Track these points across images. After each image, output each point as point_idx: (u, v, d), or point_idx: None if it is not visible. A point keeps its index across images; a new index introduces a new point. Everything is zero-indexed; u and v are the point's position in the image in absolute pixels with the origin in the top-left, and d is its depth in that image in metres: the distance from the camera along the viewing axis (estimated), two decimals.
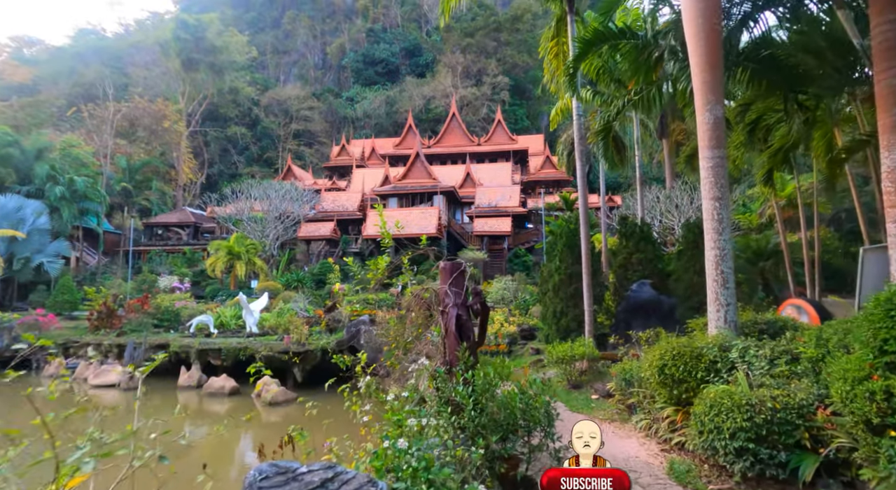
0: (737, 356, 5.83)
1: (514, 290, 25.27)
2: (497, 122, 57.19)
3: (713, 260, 6.99)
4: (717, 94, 7.06)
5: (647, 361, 6.66)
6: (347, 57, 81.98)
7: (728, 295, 6.87)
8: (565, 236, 14.77)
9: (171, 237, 47.03)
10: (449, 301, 4.89)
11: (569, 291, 14.23)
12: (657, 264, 15.12)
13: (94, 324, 24.11)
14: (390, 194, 42.67)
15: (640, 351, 9.50)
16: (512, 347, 16.91)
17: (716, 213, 7.00)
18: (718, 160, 7.04)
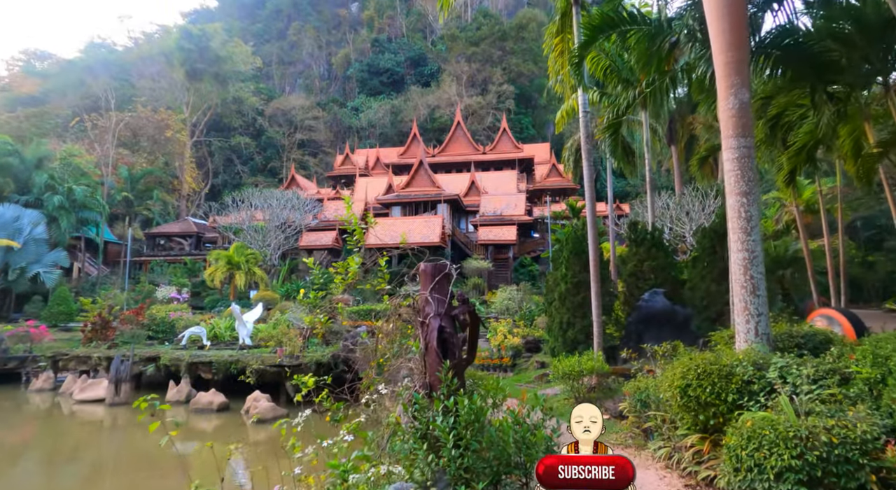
0: (776, 376, 4.94)
1: (518, 301, 24.35)
2: (502, 130, 56.59)
3: (741, 264, 6.11)
4: (742, 75, 6.23)
5: (667, 380, 5.77)
6: (352, 67, 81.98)
7: (759, 304, 5.98)
8: (572, 242, 13.90)
9: (173, 247, 46.60)
10: (430, 310, 4.06)
11: (576, 301, 13.33)
12: (670, 272, 14.20)
13: (87, 336, 23.42)
14: (393, 203, 41.98)
15: (656, 366, 8.59)
16: (516, 361, 15.99)
17: (743, 211, 6.14)
18: (745, 150, 6.18)
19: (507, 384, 13.90)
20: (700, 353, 5.84)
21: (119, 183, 42.50)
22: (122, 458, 12.47)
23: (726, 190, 6.33)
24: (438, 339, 3.93)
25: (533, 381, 13.71)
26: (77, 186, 34.57)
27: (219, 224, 41.21)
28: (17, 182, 34.10)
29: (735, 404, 5.04)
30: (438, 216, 38.21)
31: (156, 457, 11.44)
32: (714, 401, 5.14)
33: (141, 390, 18.83)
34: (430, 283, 4.15)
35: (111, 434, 15.07)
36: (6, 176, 33.35)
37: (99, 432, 15.25)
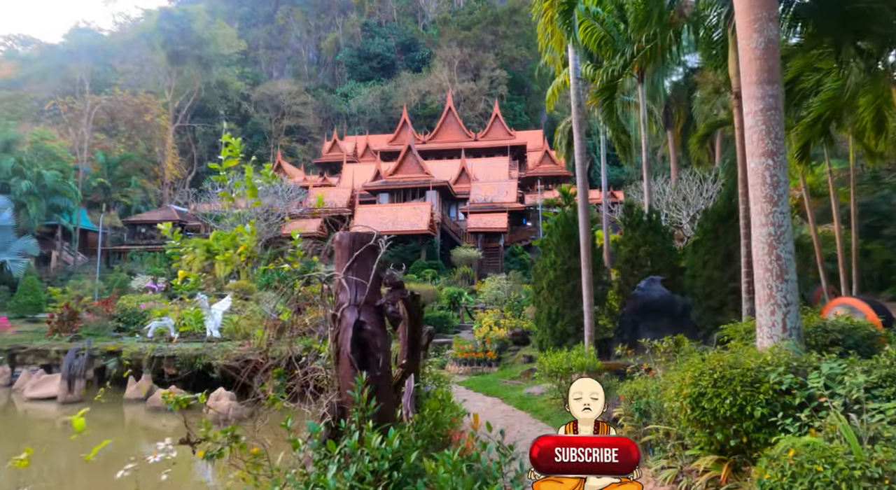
0: (820, 385, 3.76)
1: (508, 290, 23.19)
2: (494, 116, 55.17)
3: (765, 241, 4.92)
4: (768, 7, 5.00)
5: (673, 387, 4.59)
6: (342, 52, 79.99)
7: (788, 290, 4.80)
8: (561, 226, 12.70)
9: (154, 236, 45.12)
10: (345, 298, 2.82)
11: (566, 289, 12.16)
12: (668, 258, 13.05)
13: (52, 327, 22.06)
14: (381, 190, 40.63)
15: (655, 363, 7.43)
16: (502, 354, 14.84)
17: (768, 176, 4.93)
18: (771, 101, 4.97)
19: (492, 380, 12.75)
20: (715, 353, 4.65)
21: (95, 168, 40.80)
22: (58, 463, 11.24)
23: (747, 151, 5.12)
24: (354, 341, 2.71)
25: (519, 377, 12.57)
26: (47, 171, 32.94)
27: (197, 212, 39.70)
28: None
29: (765, 421, 3.87)
30: (427, 203, 36.93)
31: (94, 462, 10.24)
32: (736, 415, 3.97)
33: (100, 387, 17.58)
34: (348, 259, 2.92)
35: (53, 435, 13.79)
36: None
37: (45, 433, 14.00)
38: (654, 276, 12.54)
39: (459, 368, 14.55)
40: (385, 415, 2.69)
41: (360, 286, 2.81)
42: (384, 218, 36.46)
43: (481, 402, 10.10)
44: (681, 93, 32.14)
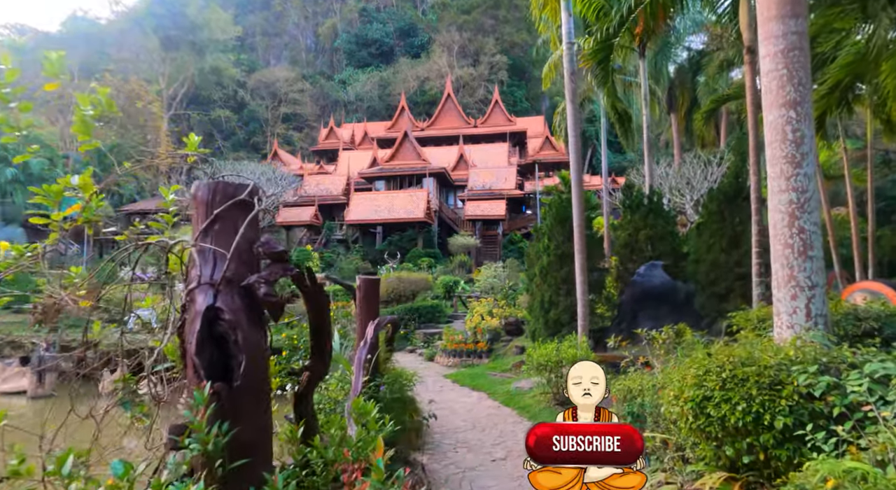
0: (862, 388, 2.91)
1: (504, 278, 22.37)
2: (494, 102, 53.97)
3: (785, 210, 4.05)
4: None
5: (673, 387, 3.75)
6: (340, 38, 78.54)
7: (813, 270, 3.95)
8: (555, 208, 11.82)
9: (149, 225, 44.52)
10: (196, 276, 1.96)
11: (559, 276, 11.32)
12: (670, 242, 12.18)
13: (36, 318, 21.28)
14: (377, 177, 39.69)
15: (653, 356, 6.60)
16: (493, 345, 14.05)
17: (790, 130, 4.05)
18: (794, 39, 4.07)
19: (480, 373, 11.95)
20: (723, 347, 3.80)
21: (85, 156, 39.97)
22: None
23: (764, 103, 4.23)
24: (203, 336, 1.85)
25: (510, 370, 11.77)
26: (34, 159, 32.14)
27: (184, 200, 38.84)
28: None
29: (788, 435, 3.03)
30: (423, 190, 36.02)
31: None
32: (751, 426, 3.13)
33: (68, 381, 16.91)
34: (206, 219, 2.07)
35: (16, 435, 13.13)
36: None
37: None
38: (655, 262, 11.69)
39: (449, 360, 13.78)
40: (252, 447, 1.85)
41: (219, 258, 1.97)
42: (380, 205, 35.61)
43: (466, 398, 9.31)
44: (685, 76, 31.05)
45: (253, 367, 1.87)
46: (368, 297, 5.16)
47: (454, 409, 8.40)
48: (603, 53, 8.65)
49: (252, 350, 1.89)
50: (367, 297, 5.16)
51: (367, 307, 5.15)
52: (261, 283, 1.91)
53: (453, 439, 6.53)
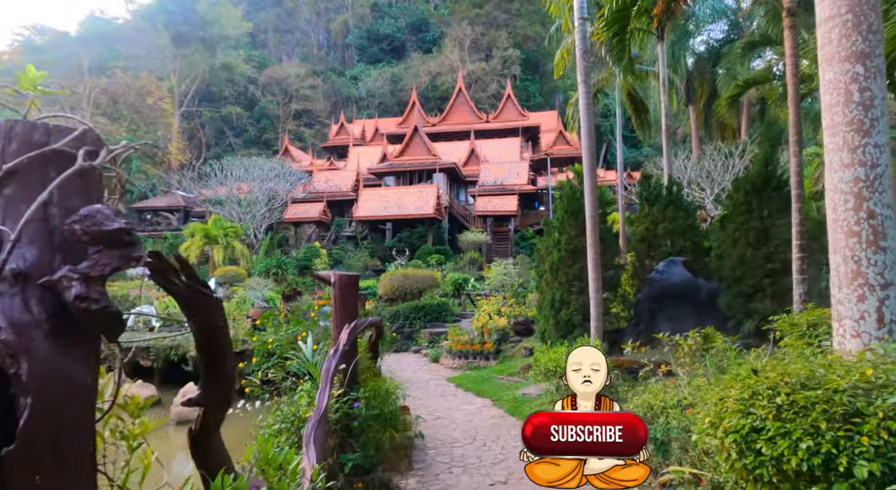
0: None
1: (515, 275, 21.58)
2: (507, 96, 52.99)
3: (848, 190, 3.25)
4: None
5: (707, 411, 2.97)
6: (351, 34, 78.07)
7: (886, 265, 3.14)
8: (567, 200, 11.02)
9: (160, 222, 44.51)
10: None
11: (571, 273, 10.52)
12: (691, 237, 11.30)
13: None
14: (387, 172, 39.06)
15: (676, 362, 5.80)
16: (501, 346, 13.28)
17: (856, 89, 3.24)
18: None
19: (486, 377, 11.20)
20: (775, 361, 2.99)
21: None
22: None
23: (821, 58, 3.42)
24: None
25: (518, 373, 11.00)
26: None
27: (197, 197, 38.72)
28: None
29: (875, 485, 2.24)
30: (433, 186, 35.29)
31: None
32: (819, 470, 2.34)
33: None
34: None
35: None
36: None
37: None
38: (675, 258, 10.83)
39: (454, 362, 13.05)
40: None
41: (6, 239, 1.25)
42: (389, 201, 34.98)
43: (468, 406, 8.56)
44: (703, 66, 29.98)
45: (54, 420, 1.16)
46: (345, 296, 4.44)
47: (454, 418, 7.67)
48: (619, 25, 7.82)
49: (54, 391, 1.17)
50: (344, 296, 4.44)
51: (343, 307, 4.43)
52: (73, 280, 1.19)
53: (448, 456, 5.80)
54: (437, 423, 7.23)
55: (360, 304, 7.66)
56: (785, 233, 9.60)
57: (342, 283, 4.49)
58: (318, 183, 40.07)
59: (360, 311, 6.29)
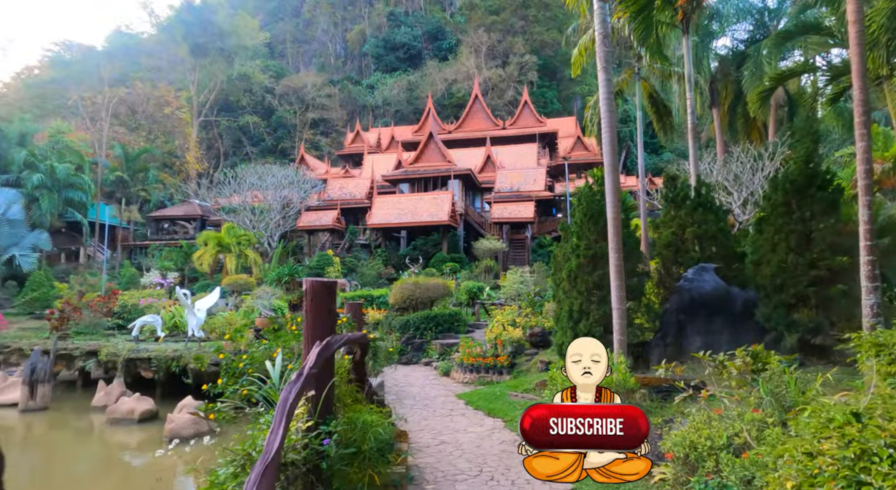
0: None
1: (532, 284, 20.69)
2: (523, 103, 52.23)
3: None
4: None
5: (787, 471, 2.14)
6: (368, 43, 78.33)
7: None
8: (585, 201, 10.18)
9: (177, 231, 44.64)
10: None
11: (591, 281, 9.66)
12: (723, 242, 10.35)
13: (53, 324, 21.01)
14: (401, 179, 38.55)
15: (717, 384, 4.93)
16: (516, 359, 12.42)
17: None
18: None
19: (499, 393, 10.34)
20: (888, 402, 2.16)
21: (113, 162, 40.24)
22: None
23: None
24: None
25: (533, 390, 10.13)
26: (59, 164, 32.24)
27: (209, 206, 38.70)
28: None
29: None
30: (448, 192, 34.62)
31: None
32: None
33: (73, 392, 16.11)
34: None
35: None
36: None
37: None
38: (705, 264, 9.91)
39: (465, 376, 12.23)
40: None
41: None
42: (403, 208, 34.38)
43: (477, 428, 7.74)
44: (727, 68, 28.98)
45: None
46: (319, 307, 3.70)
47: (460, 443, 6.85)
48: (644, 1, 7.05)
49: None
50: (318, 307, 3.70)
51: (315, 320, 3.70)
52: None
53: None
54: (441, 450, 6.43)
55: (356, 316, 6.93)
56: (830, 236, 8.66)
57: (315, 290, 3.75)
58: (332, 190, 39.72)
59: (349, 325, 5.55)
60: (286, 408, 2.94)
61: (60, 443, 11.88)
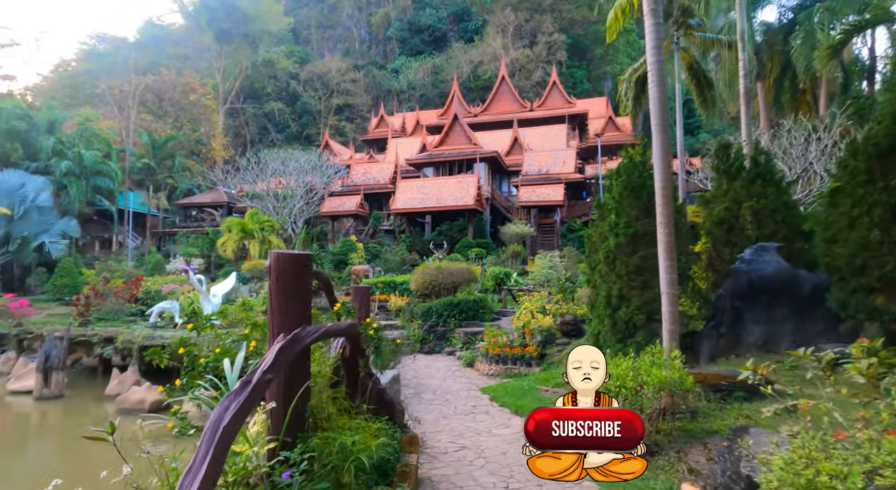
0: None
1: (562, 269, 19.53)
2: (552, 83, 50.33)
3: None
4: None
5: None
6: (392, 26, 77.01)
7: None
8: (626, 173, 9.00)
9: (205, 218, 44.84)
10: None
11: (632, 263, 8.52)
12: (786, 217, 9.05)
13: (79, 310, 21.01)
14: (425, 163, 37.52)
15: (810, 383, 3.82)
16: (546, 350, 11.37)
17: None
18: None
19: (528, 387, 9.33)
20: None
21: (140, 149, 40.39)
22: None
23: None
24: None
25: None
26: (87, 151, 32.35)
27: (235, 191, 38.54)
28: (27, 148, 32.29)
29: None
30: (474, 175, 33.46)
31: None
32: None
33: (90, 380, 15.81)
34: None
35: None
36: (14, 141, 31.53)
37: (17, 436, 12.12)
38: (765, 243, 8.65)
39: (490, 367, 11.28)
40: None
41: None
42: (427, 193, 33.41)
43: (503, 430, 6.79)
44: (774, 39, 26.89)
45: None
46: (285, 288, 2.77)
47: (482, 449, 5.90)
48: None
49: None
50: (283, 288, 2.77)
51: (282, 305, 2.77)
52: None
53: None
54: (460, 459, 5.50)
55: (364, 302, 6.02)
56: None
57: (281, 266, 2.82)
58: (355, 176, 39.02)
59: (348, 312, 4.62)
60: (216, 434, 2.03)
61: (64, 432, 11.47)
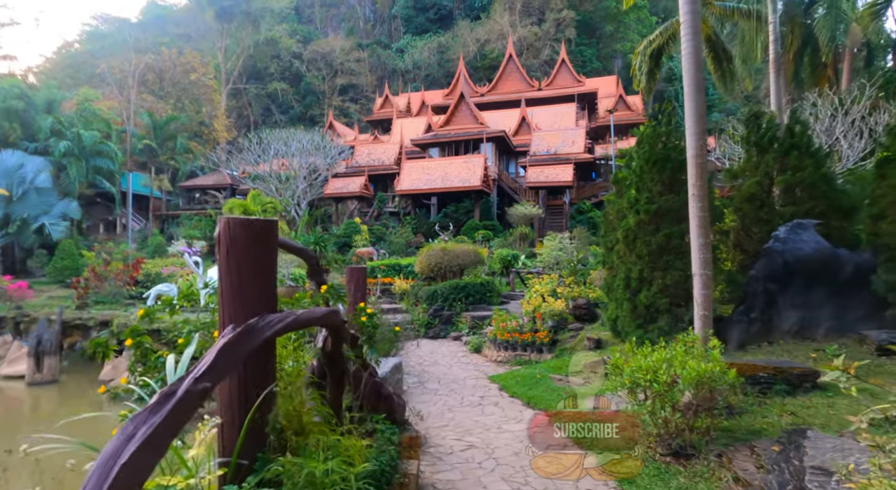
0: None
1: (572, 251, 18.81)
2: (560, 61, 48.94)
3: None
4: None
5: None
6: (397, 4, 75.24)
7: None
8: (648, 144, 8.23)
9: (208, 201, 44.32)
10: None
11: (655, 242, 7.80)
12: (824, 192, 8.26)
13: (79, 293, 20.64)
14: (430, 143, 36.61)
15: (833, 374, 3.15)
16: (557, 336, 10.72)
17: None
18: None
19: (539, 376, 8.66)
20: None
21: (141, 130, 39.68)
22: None
23: None
24: None
25: (581, 373, 8.48)
26: (86, 131, 31.68)
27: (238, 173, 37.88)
28: (25, 128, 31.65)
29: None
30: (480, 156, 32.56)
31: None
32: None
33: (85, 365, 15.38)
34: None
35: None
36: (13, 121, 30.89)
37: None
38: (802, 221, 7.89)
39: (499, 354, 10.67)
40: None
41: None
42: (433, 174, 32.60)
43: (515, 425, 6.14)
44: (794, 11, 25.62)
45: None
46: (241, 266, 2.10)
47: (492, 447, 5.26)
48: None
49: None
50: (238, 266, 2.10)
51: (234, 287, 2.10)
52: None
53: None
54: (468, 459, 4.87)
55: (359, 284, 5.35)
56: None
57: (233, 236, 2.13)
58: (359, 157, 38.21)
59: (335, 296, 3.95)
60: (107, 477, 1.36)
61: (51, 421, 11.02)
